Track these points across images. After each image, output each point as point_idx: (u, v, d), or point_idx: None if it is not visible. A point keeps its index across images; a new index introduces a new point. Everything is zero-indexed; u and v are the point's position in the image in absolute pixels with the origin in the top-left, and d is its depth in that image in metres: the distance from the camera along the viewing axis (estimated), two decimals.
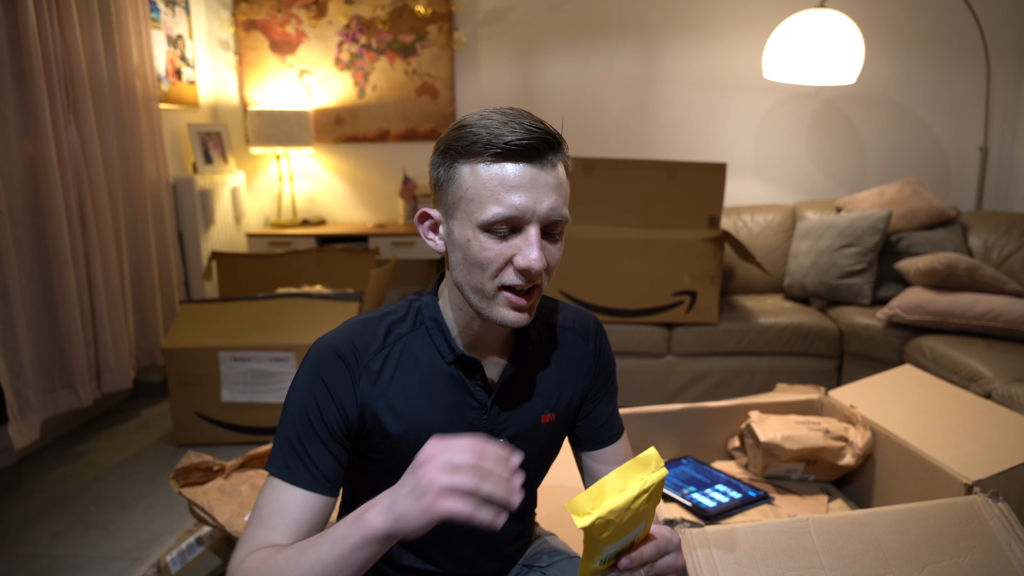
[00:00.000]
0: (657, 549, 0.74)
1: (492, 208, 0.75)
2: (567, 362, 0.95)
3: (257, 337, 2.45)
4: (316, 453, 0.80)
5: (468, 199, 0.76)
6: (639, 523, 0.70)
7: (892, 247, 2.88)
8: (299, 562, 0.70)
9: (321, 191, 3.72)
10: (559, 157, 0.79)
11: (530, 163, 0.75)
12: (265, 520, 0.77)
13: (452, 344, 0.86)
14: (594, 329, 0.99)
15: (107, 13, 2.61)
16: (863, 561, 1.04)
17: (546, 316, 0.97)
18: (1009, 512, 1.13)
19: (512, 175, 0.75)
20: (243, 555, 0.75)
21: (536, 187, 0.75)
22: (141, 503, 2.14)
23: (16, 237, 2.22)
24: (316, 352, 0.83)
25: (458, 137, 0.77)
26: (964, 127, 3.30)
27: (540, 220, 0.76)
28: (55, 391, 2.40)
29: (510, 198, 0.75)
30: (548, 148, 0.76)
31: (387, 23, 3.49)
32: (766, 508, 1.54)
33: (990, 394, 2.06)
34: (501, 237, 0.77)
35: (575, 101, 3.48)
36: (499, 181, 0.75)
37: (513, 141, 0.74)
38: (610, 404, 1.00)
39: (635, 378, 2.73)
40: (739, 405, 1.76)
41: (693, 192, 2.58)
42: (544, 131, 0.76)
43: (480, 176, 0.75)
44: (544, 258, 0.77)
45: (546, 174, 0.76)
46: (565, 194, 0.79)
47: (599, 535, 0.66)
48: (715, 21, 3.34)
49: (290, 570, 0.70)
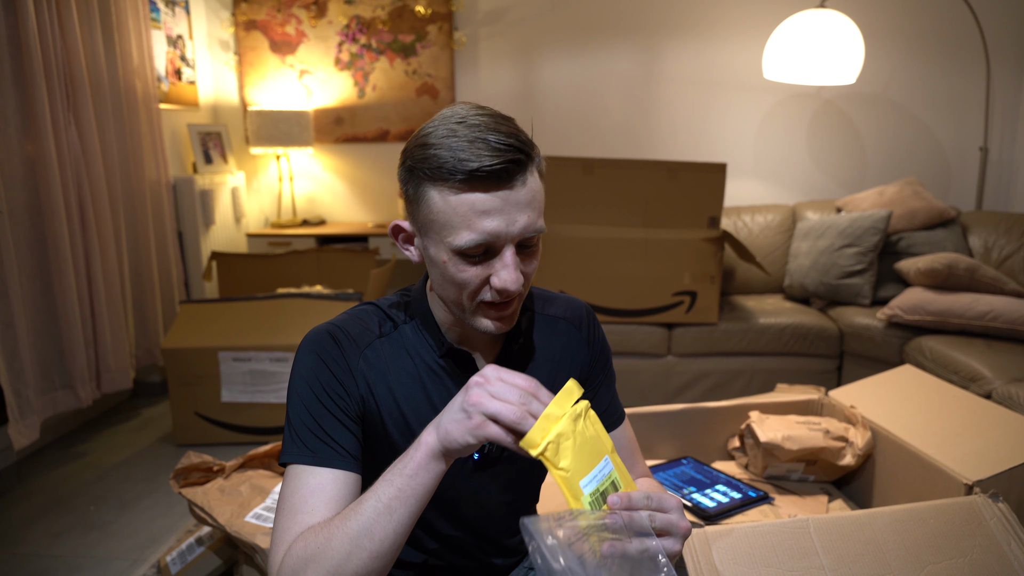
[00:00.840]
0: (648, 498, 0.67)
1: (464, 234, 0.73)
2: (560, 351, 0.95)
3: (257, 337, 2.45)
4: (335, 431, 0.79)
5: (439, 223, 0.74)
6: (601, 454, 0.69)
7: (892, 247, 2.88)
8: (358, 511, 0.68)
9: (321, 191, 3.72)
10: (530, 168, 0.75)
11: (499, 187, 0.72)
12: (299, 507, 0.74)
13: (442, 337, 0.87)
14: (587, 317, 0.98)
15: (107, 13, 2.61)
16: (863, 561, 1.04)
17: (538, 306, 0.96)
18: (1009, 512, 1.13)
19: (482, 201, 0.72)
20: (285, 547, 0.71)
21: (508, 209, 0.73)
22: (141, 503, 2.14)
23: (16, 237, 2.22)
24: (310, 337, 0.83)
25: (423, 158, 0.73)
26: (964, 127, 3.30)
27: (514, 240, 0.75)
28: (55, 391, 2.40)
29: (482, 224, 0.72)
30: (517, 167, 0.73)
31: (387, 23, 3.49)
32: (766, 508, 1.54)
33: (990, 394, 2.06)
34: (476, 260, 0.75)
35: (575, 101, 3.48)
36: (468, 208, 0.72)
37: (481, 168, 0.70)
38: (609, 390, 1.00)
39: (635, 378, 2.73)
40: (739, 405, 1.76)
41: (693, 192, 2.58)
42: (512, 148, 0.72)
43: (449, 202, 0.72)
44: (521, 276, 0.76)
45: (517, 192, 0.73)
46: (539, 205, 0.77)
47: (559, 462, 0.66)
48: (715, 21, 3.34)
49: (348, 525, 0.68)
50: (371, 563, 0.68)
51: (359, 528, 0.68)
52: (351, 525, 0.68)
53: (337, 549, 0.68)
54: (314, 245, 3.34)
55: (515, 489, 0.97)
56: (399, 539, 0.69)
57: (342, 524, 0.69)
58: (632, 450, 1.00)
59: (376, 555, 0.68)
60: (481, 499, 0.92)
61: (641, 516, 0.66)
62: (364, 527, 0.68)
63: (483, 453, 0.89)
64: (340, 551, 0.67)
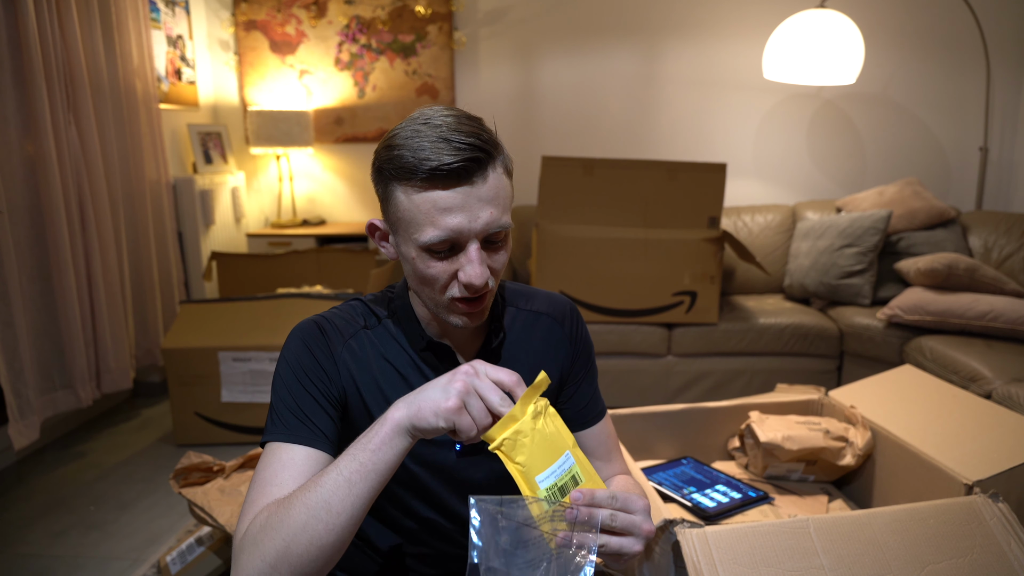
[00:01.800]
0: (613, 498, 0.68)
1: (429, 231, 0.75)
2: (543, 346, 0.96)
3: (257, 337, 2.45)
4: (314, 413, 0.82)
5: (406, 220, 0.77)
6: (561, 450, 0.71)
7: (892, 247, 2.88)
8: (319, 483, 0.69)
9: (321, 191, 3.72)
10: (493, 165, 0.77)
11: (460, 184, 0.74)
12: (269, 480, 0.76)
13: (422, 332, 0.89)
14: (569, 314, 1.00)
15: (107, 13, 2.61)
16: (863, 561, 1.04)
17: (520, 302, 0.98)
18: (1009, 512, 1.13)
19: (443, 198, 0.74)
20: (251, 517, 0.72)
21: (469, 206, 0.75)
22: (141, 503, 2.14)
23: (16, 237, 2.22)
24: (298, 328, 0.87)
25: (389, 159, 0.76)
26: (964, 127, 3.30)
27: (478, 236, 0.77)
28: (55, 391, 2.40)
29: (445, 220, 0.75)
30: (478, 165, 0.75)
31: (387, 23, 3.49)
32: (766, 508, 1.54)
33: (990, 394, 2.06)
34: (443, 256, 0.78)
35: (575, 101, 3.48)
36: (431, 205, 0.74)
37: (440, 166, 0.73)
38: (591, 385, 1.02)
39: (635, 378, 2.73)
40: (739, 405, 1.76)
41: (693, 192, 2.58)
42: (472, 147, 0.74)
43: (413, 200, 0.75)
44: (487, 271, 0.78)
45: (478, 189, 0.75)
46: (504, 201, 0.78)
47: (515, 457, 0.68)
48: (715, 21, 3.34)
49: (308, 496, 0.68)
50: (326, 536, 0.67)
51: (318, 500, 0.68)
52: (310, 496, 0.68)
53: (294, 519, 0.67)
54: (314, 245, 3.34)
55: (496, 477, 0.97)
56: (357, 513, 0.69)
57: (302, 495, 0.69)
58: (610, 446, 1.02)
59: (332, 528, 0.67)
60: (463, 486, 0.92)
61: (601, 513, 0.67)
62: (323, 499, 0.68)
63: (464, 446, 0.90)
64: (297, 521, 0.67)
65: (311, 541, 0.67)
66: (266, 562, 0.67)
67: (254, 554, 0.68)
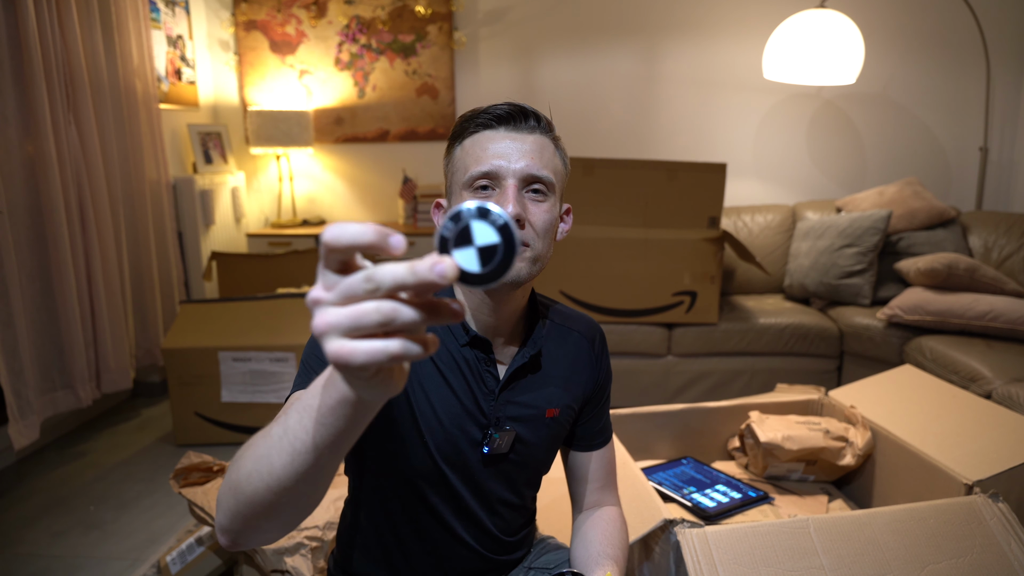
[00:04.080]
0: None
1: (472, 167, 0.83)
2: (574, 363, 0.98)
3: (257, 337, 2.45)
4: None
5: (457, 169, 0.87)
6: None
7: (892, 247, 2.88)
8: (268, 435, 0.59)
9: (321, 191, 3.72)
10: (541, 129, 0.86)
11: (508, 128, 0.85)
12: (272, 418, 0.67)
13: (467, 326, 0.89)
14: (600, 338, 1.03)
15: (107, 13, 2.61)
16: (863, 561, 1.04)
17: (557, 318, 1.00)
18: (1009, 512, 1.13)
19: (490, 136, 0.84)
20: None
21: (512, 148, 0.83)
22: (141, 503, 2.14)
23: (16, 237, 2.22)
24: None
25: (458, 124, 0.88)
26: (964, 127, 3.30)
27: (516, 176, 0.83)
28: (55, 391, 2.40)
29: (488, 155, 0.83)
30: (525, 118, 0.85)
31: (387, 23, 3.49)
32: (766, 508, 1.54)
33: (990, 394, 2.06)
34: (484, 194, 0.83)
35: (575, 101, 3.48)
36: (480, 145, 0.84)
37: (493, 110, 0.84)
38: (605, 410, 1.05)
39: (635, 378, 2.73)
40: (739, 405, 1.76)
41: (693, 192, 2.58)
42: (524, 108, 0.85)
43: (466, 147, 0.86)
44: (520, 210, 0.82)
45: (523, 137, 0.84)
46: (546, 159, 0.85)
47: None
48: (715, 21, 3.34)
49: (258, 445, 0.60)
50: (267, 495, 0.58)
51: (261, 453, 0.59)
52: (260, 445, 0.60)
53: (242, 466, 0.61)
54: (314, 245, 3.34)
55: (519, 487, 0.98)
56: (301, 484, 0.57)
57: (259, 439, 0.61)
58: (608, 472, 1.05)
59: (271, 488, 0.58)
60: (484, 493, 0.93)
61: None
62: (264, 453, 0.58)
63: (492, 447, 0.90)
64: (243, 468, 0.60)
65: (254, 494, 0.59)
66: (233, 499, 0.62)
67: (225, 486, 0.64)
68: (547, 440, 0.96)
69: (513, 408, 0.91)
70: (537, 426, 0.93)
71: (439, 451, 0.88)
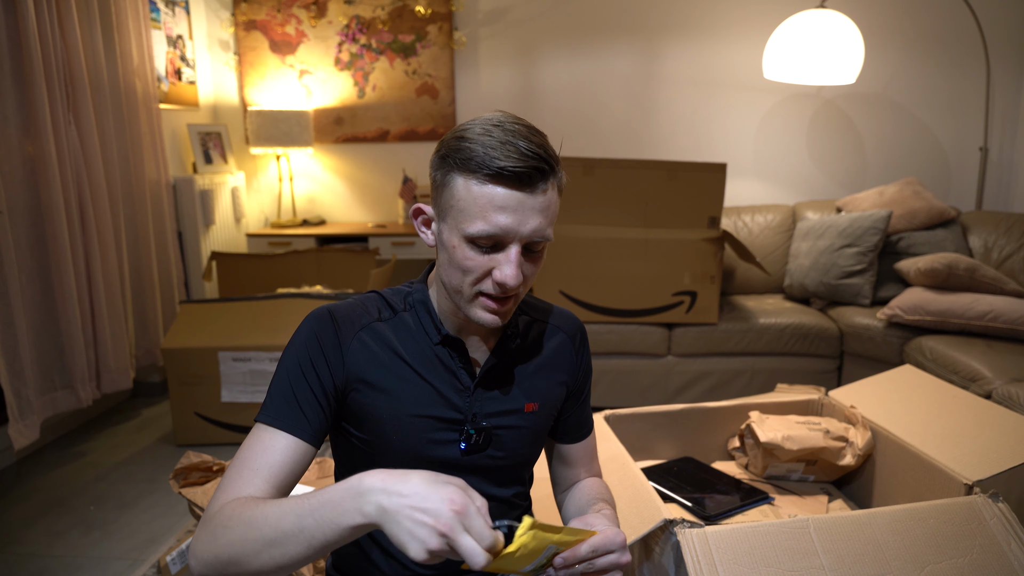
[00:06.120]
0: (592, 547, 0.73)
1: (478, 224, 0.79)
2: (553, 357, 1.00)
3: (257, 337, 2.45)
4: (306, 402, 0.83)
5: (458, 209, 0.80)
6: (542, 551, 0.69)
7: (892, 247, 2.88)
8: (278, 521, 0.69)
9: (321, 191, 3.72)
10: (551, 181, 0.82)
11: (519, 189, 0.79)
12: (247, 463, 0.79)
13: (439, 325, 0.91)
14: (580, 333, 1.05)
15: (107, 13, 2.61)
16: (863, 561, 1.04)
17: (537, 314, 1.02)
18: (1009, 512, 1.13)
19: (500, 197, 0.78)
20: (223, 500, 0.75)
21: (522, 210, 0.79)
22: (141, 503, 2.14)
23: (16, 237, 2.22)
24: (312, 315, 0.89)
25: (457, 149, 0.80)
26: (964, 127, 3.30)
27: (522, 240, 0.81)
28: (55, 391, 2.40)
29: (496, 217, 0.78)
30: (539, 175, 0.79)
31: (387, 23, 3.49)
32: (766, 508, 1.54)
33: (990, 394, 2.05)
34: (484, 251, 0.81)
35: (575, 101, 3.48)
36: (488, 200, 0.78)
37: (506, 167, 0.77)
38: (586, 405, 1.08)
39: (635, 378, 2.73)
40: (739, 405, 1.76)
41: (693, 192, 2.58)
42: (538, 157, 0.78)
43: (472, 192, 0.79)
44: (521, 274, 0.82)
45: (534, 199, 0.80)
46: (551, 215, 0.83)
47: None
48: (715, 21, 3.34)
49: (262, 529, 0.69)
50: (274, 570, 0.69)
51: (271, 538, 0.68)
52: (264, 529, 0.69)
53: (249, 541, 0.69)
54: (314, 245, 3.34)
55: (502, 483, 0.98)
56: (310, 561, 0.70)
57: (261, 523, 0.69)
58: (590, 453, 1.09)
59: (282, 567, 0.69)
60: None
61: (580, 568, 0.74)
62: (278, 540, 0.68)
63: (469, 444, 0.91)
64: (249, 546, 0.69)
65: (261, 566, 0.69)
66: (220, 560, 0.71)
67: (212, 543, 0.71)
68: (527, 435, 0.97)
69: (490, 404, 0.93)
70: (515, 421, 0.95)
71: (419, 449, 0.89)
